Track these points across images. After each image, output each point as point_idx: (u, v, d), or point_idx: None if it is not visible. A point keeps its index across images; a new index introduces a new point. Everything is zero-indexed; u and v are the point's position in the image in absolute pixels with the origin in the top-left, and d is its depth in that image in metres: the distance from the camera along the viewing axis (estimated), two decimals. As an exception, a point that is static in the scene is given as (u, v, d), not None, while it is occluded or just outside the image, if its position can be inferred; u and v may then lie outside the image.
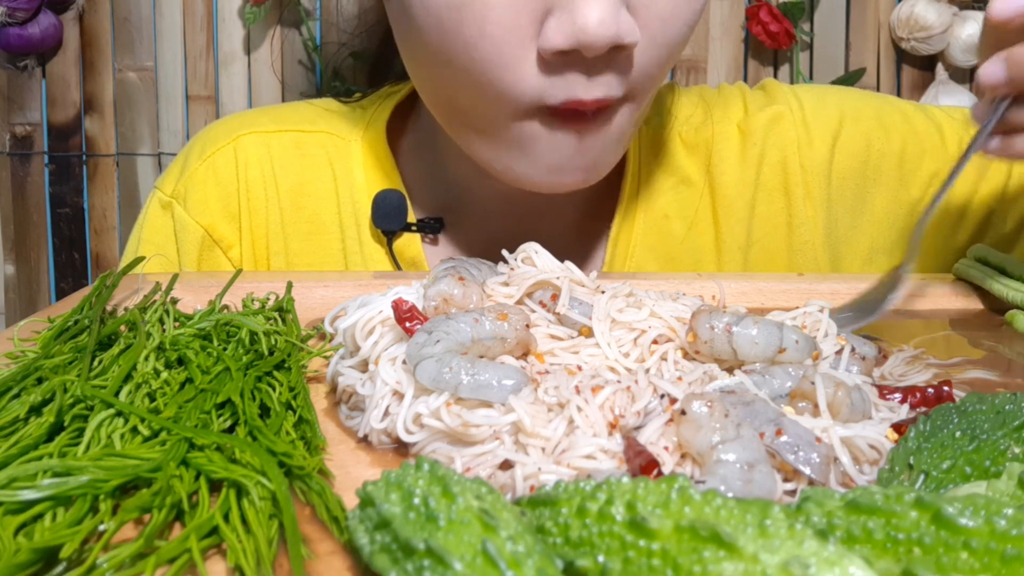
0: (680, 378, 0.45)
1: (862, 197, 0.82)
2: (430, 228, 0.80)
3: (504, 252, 0.55)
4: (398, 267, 0.80)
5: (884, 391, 0.47)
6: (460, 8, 0.59)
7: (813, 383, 0.43)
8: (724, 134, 0.82)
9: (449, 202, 0.82)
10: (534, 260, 0.53)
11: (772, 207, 0.81)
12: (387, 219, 0.79)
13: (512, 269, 0.53)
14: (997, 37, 0.57)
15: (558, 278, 0.50)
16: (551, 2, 0.58)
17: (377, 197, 0.79)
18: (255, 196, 0.81)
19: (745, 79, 1.53)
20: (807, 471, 0.38)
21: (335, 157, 0.82)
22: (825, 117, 0.82)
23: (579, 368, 0.45)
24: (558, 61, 0.60)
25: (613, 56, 0.60)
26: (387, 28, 0.85)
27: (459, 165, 0.79)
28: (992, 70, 0.57)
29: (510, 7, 0.59)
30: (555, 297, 0.50)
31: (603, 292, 0.50)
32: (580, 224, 0.82)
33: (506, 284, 0.52)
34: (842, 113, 0.82)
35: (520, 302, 0.51)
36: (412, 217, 0.80)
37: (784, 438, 0.39)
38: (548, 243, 0.82)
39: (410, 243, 0.80)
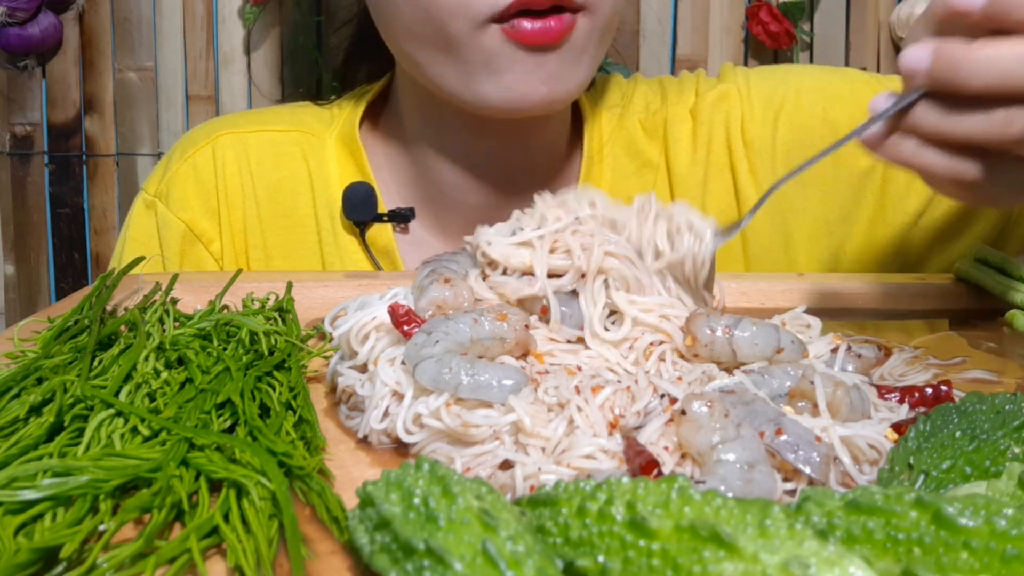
0: (680, 378, 0.45)
1: (811, 167, 0.82)
2: (400, 218, 0.84)
3: (466, 239, 0.55)
4: (372, 257, 0.83)
5: (882, 391, 0.47)
6: None
7: (812, 383, 0.43)
8: (677, 116, 0.85)
9: (419, 191, 0.85)
10: (490, 254, 0.51)
11: (721, 185, 0.84)
12: (357, 211, 0.82)
13: (480, 256, 0.52)
14: (940, 24, 0.51)
15: (543, 288, 0.49)
16: None
17: (347, 190, 0.82)
18: (233, 193, 0.85)
19: (745, 79, 1.53)
20: (807, 470, 0.38)
21: (310, 154, 0.85)
22: (768, 92, 0.84)
23: (579, 368, 0.45)
24: None
25: None
26: (359, 21, 0.88)
27: (428, 156, 0.83)
28: (917, 55, 0.50)
29: None
30: (545, 310, 0.49)
31: (582, 287, 0.49)
32: None
33: (486, 279, 0.51)
34: (786, 87, 0.84)
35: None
36: (383, 207, 0.83)
37: (784, 437, 0.39)
38: None
39: (381, 233, 0.83)
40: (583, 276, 0.49)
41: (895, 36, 1.49)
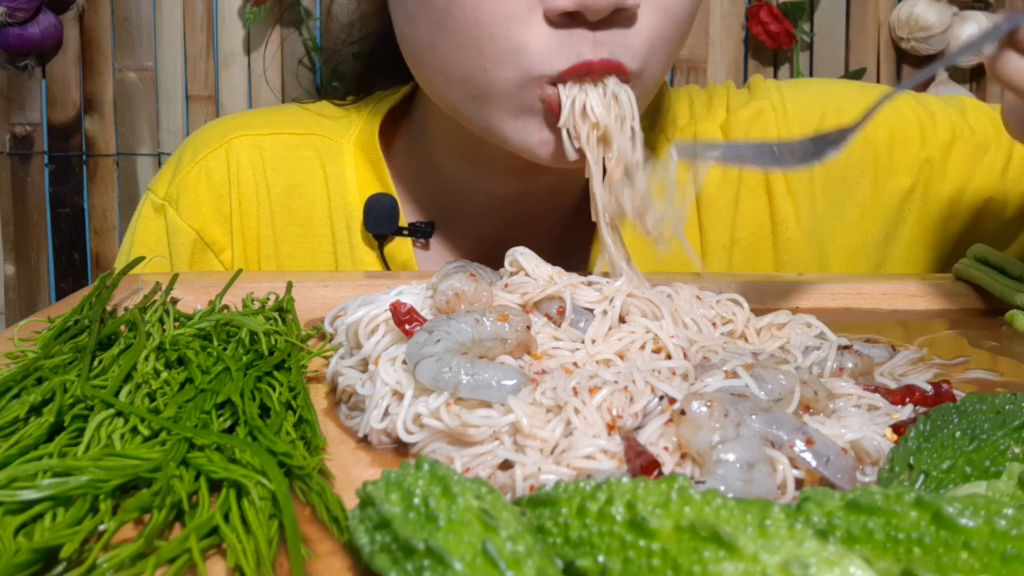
0: (674, 372, 0.45)
1: (849, 188, 0.81)
2: (421, 232, 0.81)
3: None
4: (389, 271, 0.81)
5: (879, 392, 0.46)
6: None
7: (816, 392, 0.43)
8: (707, 133, 0.82)
9: (440, 205, 0.82)
10: (520, 262, 0.53)
11: (754, 204, 0.81)
12: (379, 223, 0.79)
13: (511, 274, 0.54)
14: None
15: (564, 288, 0.50)
16: None
17: (369, 201, 0.79)
18: (247, 199, 0.81)
19: (745, 79, 1.53)
20: (839, 479, 0.38)
21: (327, 160, 0.82)
22: (807, 110, 0.81)
23: (575, 365, 0.45)
24: (563, 23, 0.61)
25: (616, 18, 0.61)
26: (380, 34, 0.85)
27: (451, 168, 0.80)
28: None
29: None
30: (562, 311, 0.50)
31: (605, 313, 0.50)
32: (569, 227, 0.83)
33: (506, 288, 0.52)
34: (824, 105, 0.82)
35: (528, 311, 0.51)
36: (404, 221, 0.80)
37: (815, 448, 0.38)
38: (538, 246, 0.82)
39: (401, 247, 0.81)
40: (610, 302, 0.50)
41: (895, 36, 1.49)
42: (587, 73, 0.62)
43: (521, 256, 0.54)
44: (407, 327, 0.46)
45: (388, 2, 0.72)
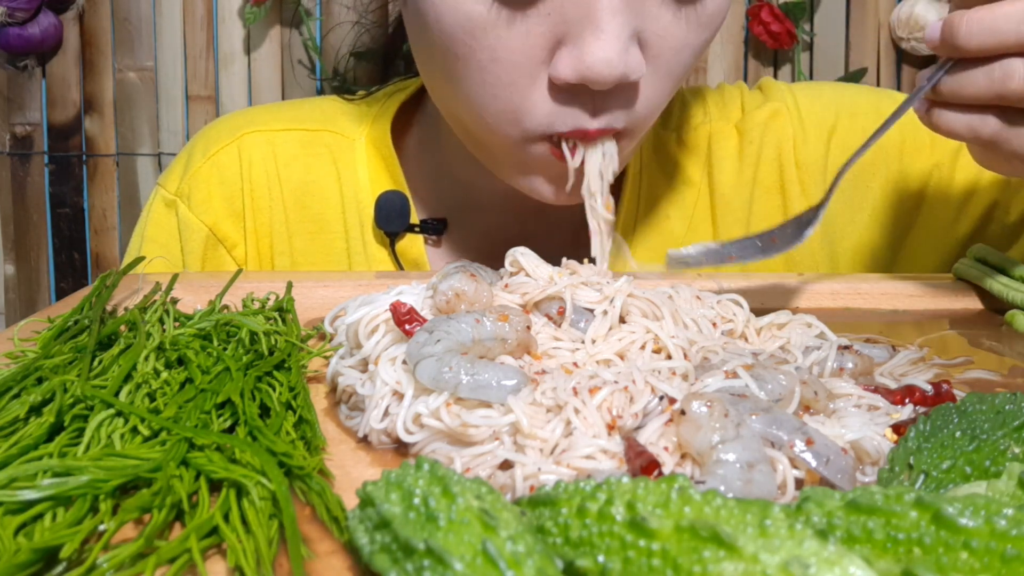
0: (674, 372, 0.45)
1: (861, 192, 0.82)
2: (433, 229, 0.81)
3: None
4: (400, 268, 0.81)
5: (879, 392, 0.46)
6: (473, 32, 0.59)
7: (816, 392, 0.43)
8: (722, 133, 0.82)
9: (452, 202, 0.82)
10: (521, 263, 0.53)
11: (769, 205, 0.81)
12: (389, 221, 0.79)
13: (512, 274, 0.54)
14: None
15: (564, 288, 0.50)
16: (562, 33, 0.59)
17: (380, 199, 0.79)
18: (259, 195, 0.81)
19: (745, 79, 1.53)
20: (839, 479, 0.38)
21: (339, 156, 0.82)
22: (821, 113, 0.82)
23: (575, 365, 0.45)
24: (567, 89, 0.61)
25: (620, 88, 0.61)
26: (395, 22, 0.85)
27: (463, 165, 0.80)
28: (932, 27, 0.55)
29: (523, 34, 0.59)
30: (562, 311, 0.50)
31: (605, 313, 0.50)
32: (583, 225, 0.82)
33: (506, 288, 0.52)
34: (838, 108, 0.82)
35: (528, 311, 0.51)
36: (415, 218, 0.80)
37: (815, 448, 0.38)
38: (550, 244, 0.82)
39: (413, 244, 0.81)
40: (610, 302, 0.50)
41: (895, 36, 1.49)
42: (583, 138, 0.62)
43: (521, 256, 0.54)
44: (407, 327, 0.46)
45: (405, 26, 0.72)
